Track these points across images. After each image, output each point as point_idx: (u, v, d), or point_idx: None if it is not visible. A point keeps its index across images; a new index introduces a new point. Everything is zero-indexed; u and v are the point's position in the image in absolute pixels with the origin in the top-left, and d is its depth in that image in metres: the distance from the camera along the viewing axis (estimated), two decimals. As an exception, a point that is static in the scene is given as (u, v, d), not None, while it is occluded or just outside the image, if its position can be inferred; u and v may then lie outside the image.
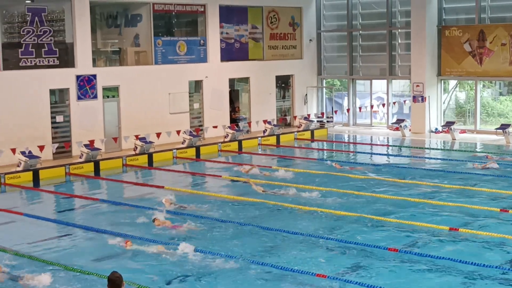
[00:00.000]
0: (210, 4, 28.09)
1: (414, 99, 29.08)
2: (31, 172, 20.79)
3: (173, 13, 27.39)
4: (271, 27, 31.03)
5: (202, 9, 28.10)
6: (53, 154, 22.82)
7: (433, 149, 25.32)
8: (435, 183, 18.54)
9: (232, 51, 29.52)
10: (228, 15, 29.21)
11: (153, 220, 14.83)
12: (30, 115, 22.71)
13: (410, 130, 28.96)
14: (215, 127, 26.96)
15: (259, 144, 26.98)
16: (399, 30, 31.00)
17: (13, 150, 21.14)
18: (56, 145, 22.63)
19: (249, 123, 28.99)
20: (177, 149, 24.62)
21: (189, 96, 27.57)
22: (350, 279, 11.05)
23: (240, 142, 26.31)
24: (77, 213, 16.43)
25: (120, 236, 13.74)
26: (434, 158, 23.19)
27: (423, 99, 28.66)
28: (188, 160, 23.96)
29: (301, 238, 13.57)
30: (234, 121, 29.18)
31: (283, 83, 31.81)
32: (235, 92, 30.27)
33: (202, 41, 28.16)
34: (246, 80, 30.11)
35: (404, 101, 30.81)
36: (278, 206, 16.26)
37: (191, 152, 24.68)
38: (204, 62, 28.15)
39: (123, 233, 13.98)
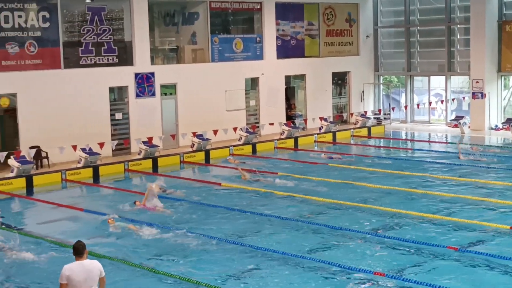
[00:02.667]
0: (266, 2, 28.13)
1: (474, 95, 28.60)
2: (91, 169, 21.21)
3: (230, 10, 27.52)
4: (328, 24, 30.90)
5: (259, 7, 28.17)
6: (113, 151, 23.19)
7: (492, 146, 24.87)
8: (494, 180, 18.23)
9: (288, 48, 29.51)
10: (284, 12, 29.20)
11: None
12: (90, 113, 23.15)
13: (469, 127, 28.49)
14: (271, 124, 26.99)
15: (315, 141, 26.92)
16: (458, 26, 30.49)
17: (74, 147, 21.57)
18: (116, 142, 23.01)
19: (305, 120, 28.94)
20: (234, 146, 24.76)
21: (246, 93, 27.70)
22: (409, 278, 10.94)
23: (296, 139, 26.30)
24: (137, 209, 16.62)
25: (175, 231, 13.91)
26: (492, 155, 22.70)
27: (482, 95, 28.16)
28: (245, 157, 24.05)
29: (357, 235, 13.50)
30: (290, 118, 29.16)
31: (340, 80, 31.64)
32: (291, 89, 30.26)
33: (258, 39, 28.24)
34: (302, 77, 30.05)
35: (463, 98, 30.31)
36: (334, 204, 16.23)
37: (248, 149, 24.80)
38: (260, 60, 28.23)
39: (182, 228, 14.16)
